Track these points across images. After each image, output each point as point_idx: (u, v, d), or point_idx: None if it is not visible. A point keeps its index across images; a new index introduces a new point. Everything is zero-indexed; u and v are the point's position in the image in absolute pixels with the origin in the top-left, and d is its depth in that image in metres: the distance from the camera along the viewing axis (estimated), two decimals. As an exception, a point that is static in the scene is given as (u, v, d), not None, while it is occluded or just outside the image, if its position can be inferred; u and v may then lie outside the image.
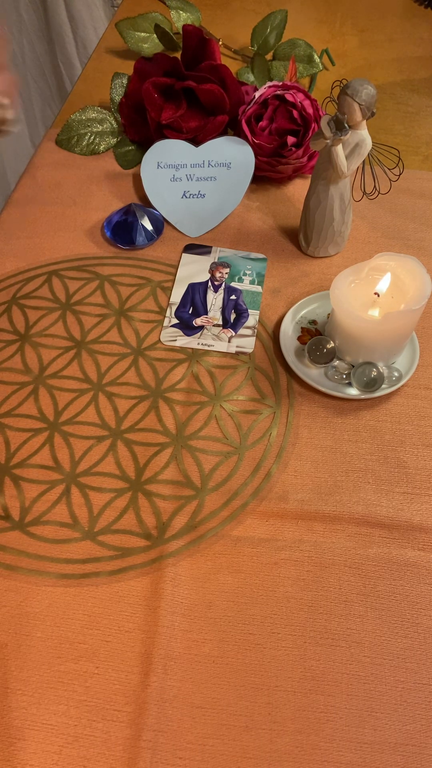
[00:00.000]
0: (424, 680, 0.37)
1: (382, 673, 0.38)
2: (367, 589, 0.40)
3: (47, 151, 0.69)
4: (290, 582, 0.41)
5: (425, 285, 0.46)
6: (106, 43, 0.84)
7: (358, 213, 0.63)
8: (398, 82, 0.79)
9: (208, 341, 0.53)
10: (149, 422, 0.48)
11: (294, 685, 0.37)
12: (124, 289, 0.57)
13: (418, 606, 0.40)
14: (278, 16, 0.76)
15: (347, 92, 0.47)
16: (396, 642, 0.39)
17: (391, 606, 0.40)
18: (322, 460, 0.46)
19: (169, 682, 0.37)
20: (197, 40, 0.66)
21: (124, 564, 0.41)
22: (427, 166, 0.69)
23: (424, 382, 0.50)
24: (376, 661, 0.38)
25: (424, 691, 0.37)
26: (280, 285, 0.57)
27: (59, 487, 0.45)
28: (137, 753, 0.35)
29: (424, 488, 0.45)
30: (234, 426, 0.48)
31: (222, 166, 0.63)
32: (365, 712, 0.36)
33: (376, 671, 0.38)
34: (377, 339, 0.47)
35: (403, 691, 0.37)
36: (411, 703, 0.37)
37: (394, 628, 0.39)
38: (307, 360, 0.49)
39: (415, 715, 0.36)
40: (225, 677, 0.37)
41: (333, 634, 0.39)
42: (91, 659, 0.38)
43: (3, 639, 0.39)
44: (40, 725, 0.36)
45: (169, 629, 0.39)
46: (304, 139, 0.61)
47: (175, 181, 0.63)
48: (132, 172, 0.67)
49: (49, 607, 0.40)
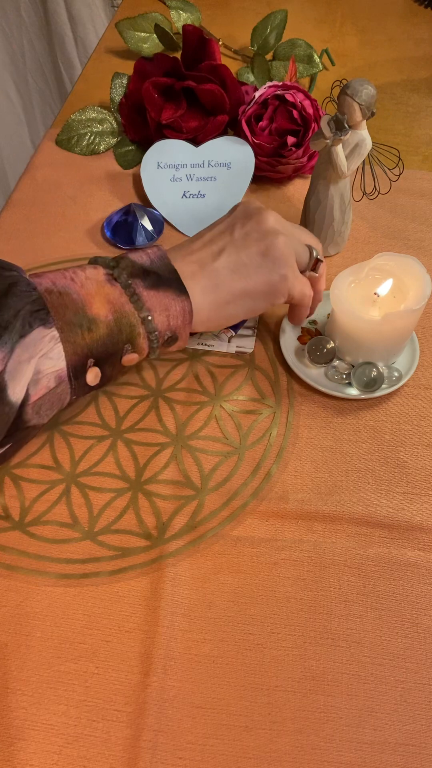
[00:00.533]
0: (424, 680, 0.37)
1: (382, 673, 0.38)
2: (367, 589, 0.41)
3: (47, 151, 0.69)
4: (290, 582, 0.41)
5: (425, 285, 0.46)
6: (106, 43, 0.84)
7: (358, 213, 0.63)
8: (398, 82, 0.79)
9: (208, 341, 0.53)
10: (149, 422, 0.48)
11: (294, 685, 0.37)
12: (124, 289, 0.57)
13: (418, 606, 0.40)
14: (278, 16, 0.76)
15: (347, 92, 0.47)
16: (396, 642, 0.39)
17: (391, 606, 0.40)
18: (322, 460, 0.46)
19: (169, 682, 0.37)
20: (197, 40, 0.66)
21: (124, 564, 0.41)
22: (427, 166, 0.69)
23: (424, 382, 0.50)
24: (376, 661, 0.38)
25: (424, 691, 0.37)
26: (280, 285, 0.57)
27: (59, 487, 0.45)
28: (137, 753, 0.35)
29: (424, 488, 0.45)
30: (234, 426, 0.48)
31: (222, 166, 0.63)
32: (365, 712, 0.36)
33: (376, 671, 0.38)
34: (377, 339, 0.47)
35: (404, 691, 0.37)
36: (411, 703, 0.37)
37: (394, 628, 0.39)
38: (307, 360, 0.49)
39: (416, 715, 0.36)
40: (225, 677, 0.37)
41: (333, 634, 0.39)
42: (91, 659, 0.38)
43: (3, 639, 0.39)
44: (40, 725, 0.36)
45: (169, 629, 0.39)
46: (304, 139, 0.61)
47: (175, 181, 0.63)
48: (132, 172, 0.67)
49: (49, 607, 0.40)
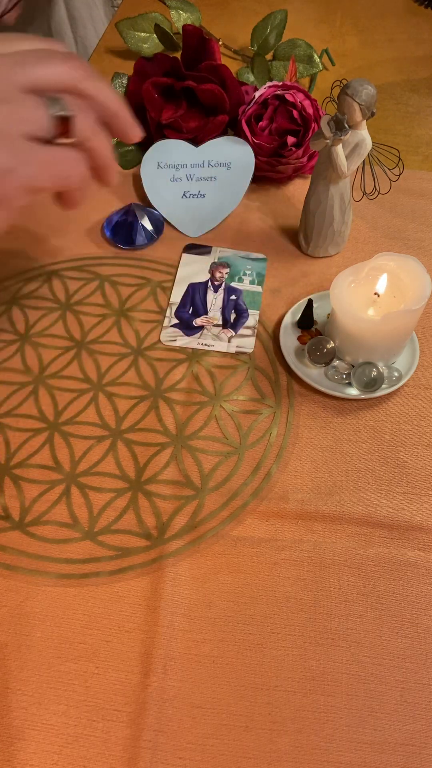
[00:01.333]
0: (425, 680, 0.37)
1: (382, 673, 0.38)
2: (367, 589, 0.41)
3: (47, 151, 0.69)
4: (290, 582, 0.41)
5: (425, 285, 0.46)
6: (106, 43, 0.84)
7: (358, 213, 0.63)
8: (398, 82, 0.79)
9: (208, 341, 0.53)
10: (149, 422, 0.48)
11: (294, 685, 0.37)
12: (124, 289, 0.57)
13: (418, 606, 0.40)
14: (278, 16, 0.76)
15: (347, 92, 0.47)
16: (396, 642, 0.39)
17: (391, 606, 0.40)
18: (322, 460, 0.46)
19: (169, 682, 0.37)
20: (197, 40, 0.66)
21: (124, 564, 0.41)
22: (427, 166, 0.69)
23: (424, 382, 0.50)
24: (377, 661, 0.38)
25: (424, 691, 0.37)
26: (280, 285, 0.57)
27: (59, 487, 0.45)
28: (137, 753, 0.35)
29: (424, 488, 0.45)
30: (234, 426, 0.48)
31: (222, 166, 0.63)
32: (365, 712, 0.36)
33: (377, 671, 0.38)
34: (377, 339, 0.47)
35: (404, 691, 0.37)
36: (411, 703, 0.37)
37: (395, 628, 0.39)
38: (307, 360, 0.49)
39: (416, 715, 0.36)
40: (225, 677, 0.37)
41: (333, 634, 0.39)
42: (91, 659, 0.38)
43: (3, 639, 0.39)
44: (40, 725, 0.36)
45: (169, 629, 0.39)
46: (304, 139, 0.61)
47: (175, 181, 0.63)
48: (132, 172, 0.67)
49: (49, 607, 0.40)
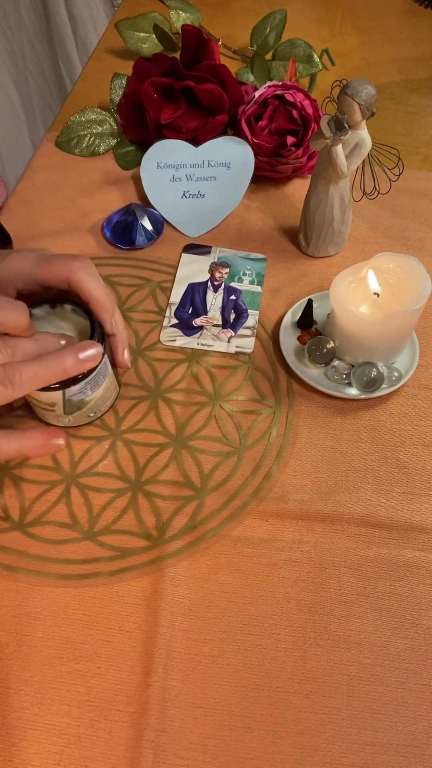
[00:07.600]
0: (425, 681, 0.37)
1: (382, 674, 0.38)
2: (367, 590, 0.41)
3: (47, 153, 0.69)
4: (290, 582, 0.41)
5: (425, 285, 0.46)
6: (106, 43, 0.84)
7: (358, 213, 0.63)
8: (398, 82, 0.79)
9: (207, 341, 0.53)
10: (149, 422, 0.48)
11: (295, 687, 0.37)
12: (124, 289, 0.57)
13: (418, 607, 0.40)
14: (278, 15, 0.76)
15: (347, 92, 0.47)
16: (396, 643, 0.39)
17: (391, 607, 0.40)
18: (322, 460, 0.46)
19: (171, 681, 0.37)
20: (196, 40, 0.66)
21: (124, 564, 0.41)
22: (427, 166, 0.68)
23: (424, 382, 0.50)
24: (377, 662, 0.38)
25: (425, 691, 0.37)
26: (280, 285, 0.57)
27: (59, 487, 0.45)
28: (139, 753, 0.35)
29: (424, 488, 0.45)
30: (234, 426, 0.48)
31: (222, 166, 0.63)
32: (366, 713, 0.36)
33: (377, 672, 0.38)
34: (377, 339, 0.47)
35: (404, 692, 0.37)
36: (412, 704, 0.37)
37: (395, 629, 0.39)
38: (307, 360, 0.49)
39: (417, 716, 0.36)
40: (225, 677, 0.37)
41: (333, 635, 0.39)
42: (92, 659, 0.38)
43: (4, 639, 0.39)
44: (42, 725, 0.36)
45: (170, 629, 0.39)
46: (303, 139, 0.61)
47: (175, 181, 0.63)
48: (132, 173, 0.67)
49: (49, 608, 0.40)
